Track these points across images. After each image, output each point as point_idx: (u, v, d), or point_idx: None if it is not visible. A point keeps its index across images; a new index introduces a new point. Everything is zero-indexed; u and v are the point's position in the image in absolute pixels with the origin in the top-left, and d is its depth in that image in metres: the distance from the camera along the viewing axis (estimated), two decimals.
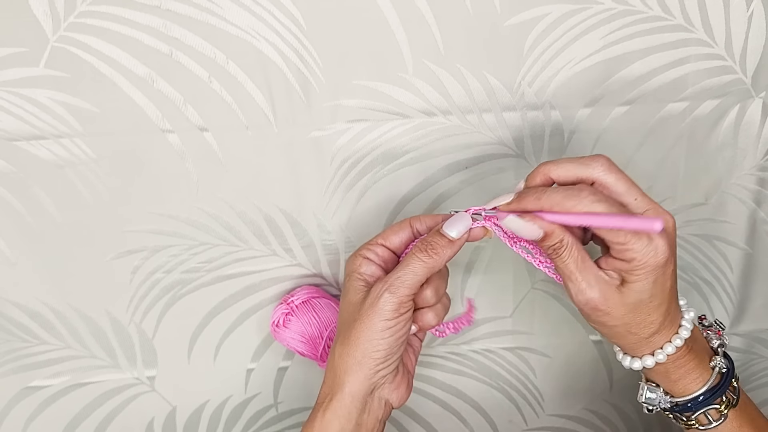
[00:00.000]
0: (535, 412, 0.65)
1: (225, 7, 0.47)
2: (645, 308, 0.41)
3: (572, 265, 0.41)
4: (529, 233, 0.41)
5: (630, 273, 0.40)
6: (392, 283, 0.43)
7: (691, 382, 0.44)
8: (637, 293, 0.41)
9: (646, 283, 0.40)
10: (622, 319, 0.42)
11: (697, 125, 0.53)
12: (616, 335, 0.43)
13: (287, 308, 0.54)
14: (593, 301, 0.41)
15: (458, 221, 0.44)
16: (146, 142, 0.50)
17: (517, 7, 0.48)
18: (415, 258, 0.43)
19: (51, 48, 0.47)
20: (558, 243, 0.41)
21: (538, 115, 0.52)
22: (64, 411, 0.60)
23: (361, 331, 0.43)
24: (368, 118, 0.51)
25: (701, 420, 0.45)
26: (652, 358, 0.43)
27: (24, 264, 0.54)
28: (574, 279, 0.41)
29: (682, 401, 0.45)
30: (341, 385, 0.44)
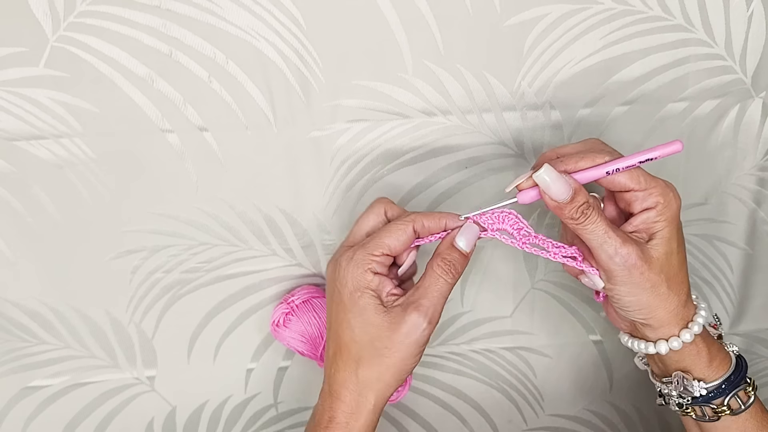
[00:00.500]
0: (535, 412, 0.65)
1: (225, 7, 0.47)
2: (676, 261, 0.43)
3: (603, 225, 0.41)
4: (560, 188, 0.41)
5: (655, 222, 0.42)
6: (432, 314, 0.42)
7: (721, 363, 0.45)
8: (667, 242, 0.42)
9: (672, 229, 0.43)
10: (661, 274, 0.42)
11: (697, 125, 0.53)
12: (659, 299, 0.43)
13: (287, 308, 0.54)
14: (632, 256, 0.41)
15: (468, 232, 0.44)
16: (146, 142, 0.50)
17: (517, 7, 0.48)
18: (441, 280, 0.43)
19: (51, 48, 0.47)
20: (585, 203, 0.41)
21: (538, 115, 0.52)
22: (64, 411, 0.59)
23: (398, 360, 0.43)
24: (368, 118, 0.51)
25: (733, 404, 0.45)
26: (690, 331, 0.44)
27: (24, 264, 0.54)
28: (610, 237, 0.41)
29: (716, 384, 0.44)
30: (369, 406, 0.43)
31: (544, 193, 0.42)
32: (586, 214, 0.41)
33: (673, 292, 0.43)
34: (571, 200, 0.41)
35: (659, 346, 0.45)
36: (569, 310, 0.60)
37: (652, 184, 0.42)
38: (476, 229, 0.44)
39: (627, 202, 0.44)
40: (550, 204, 0.42)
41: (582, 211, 0.41)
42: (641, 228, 0.43)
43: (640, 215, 0.43)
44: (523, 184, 0.43)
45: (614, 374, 0.63)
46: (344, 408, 0.44)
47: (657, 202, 0.42)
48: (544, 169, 0.41)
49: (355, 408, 0.43)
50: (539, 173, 0.41)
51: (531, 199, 0.43)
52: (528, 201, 0.43)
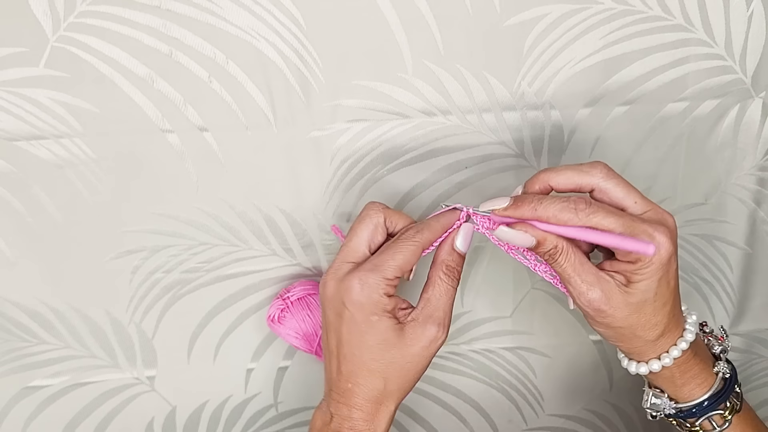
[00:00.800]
0: (535, 412, 0.65)
1: (225, 7, 0.47)
2: (650, 308, 0.41)
3: (570, 269, 0.41)
4: (521, 242, 0.41)
5: (635, 273, 0.40)
6: (447, 323, 0.43)
7: (696, 387, 0.44)
8: (643, 292, 0.41)
9: (652, 281, 0.40)
10: (627, 320, 0.41)
11: (697, 125, 0.53)
12: (622, 338, 0.43)
13: (282, 304, 0.54)
14: (595, 302, 0.41)
15: (465, 234, 0.44)
16: (146, 142, 0.50)
17: (517, 7, 0.48)
18: (448, 286, 0.44)
19: (51, 48, 0.47)
20: (552, 249, 0.41)
21: (538, 115, 0.52)
22: (64, 411, 0.59)
23: (421, 369, 0.44)
24: (368, 118, 0.51)
25: (705, 426, 0.45)
26: (659, 363, 0.43)
27: (24, 264, 0.54)
28: (574, 282, 0.41)
29: (687, 407, 0.44)
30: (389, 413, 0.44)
31: None
32: (554, 258, 0.41)
33: (640, 335, 0.42)
34: (537, 247, 0.41)
35: (630, 366, 0.45)
36: (569, 311, 0.60)
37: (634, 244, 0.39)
38: (471, 228, 0.44)
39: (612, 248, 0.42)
40: None
41: (550, 255, 0.41)
42: (620, 271, 0.41)
43: (619, 263, 0.41)
44: (497, 212, 0.42)
45: (614, 374, 0.63)
46: (366, 417, 0.44)
47: (637, 258, 0.40)
48: (499, 230, 0.42)
49: (375, 416, 0.44)
50: (497, 233, 0.42)
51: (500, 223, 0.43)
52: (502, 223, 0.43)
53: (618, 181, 0.42)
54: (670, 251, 0.40)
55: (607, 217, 0.39)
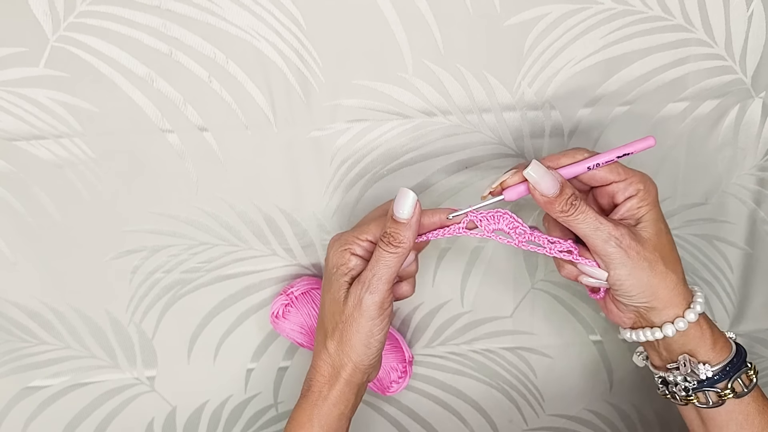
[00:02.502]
0: (535, 412, 0.65)
1: (225, 7, 0.47)
2: (666, 240, 0.45)
3: (592, 213, 0.43)
4: (549, 183, 0.42)
5: (640, 207, 0.44)
6: (370, 282, 0.44)
7: (724, 345, 0.46)
8: (654, 223, 0.44)
9: (657, 211, 0.45)
10: (655, 251, 0.44)
11: (697, 125, 0.53)
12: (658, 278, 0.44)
13: (287, 299, 0.54)
14: (625, 237, 0.43)
15: (402, 199, 0.44)
16: (146, 141, 0.50)
17: (517, 7, 0.48)
18: (383, 252, 0.44)
19: (51, 48, 0.47)
20: (573, 195, 0.43)
21: (538, 115, 0.52)
22: (64, 411, 0.59)
23: (353, 333, 0.45)
24: (368, 118, 0.51)
25: (737, 388, 0.45)
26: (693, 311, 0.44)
27: (24, 264, 0.54)
28: (601, 222, 0.43)
29: (720, 367, 0.45)
30: (342, 377, 0.46)
31: (533, 189, 0.43)
32: (575, 205, 0.43)
33: (670, 270, 0.44)
34: (560, 193, 0.43)
35: (666, 329, 0.45)
36: (569, 310, 0.60)
37: (631, 174, 0.45)
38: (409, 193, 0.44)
39: (609, 195, 0.45)
40: (540, 200, 0.43)
41: (571, 203, 0.43)
42: (627, 215, 0.45)
43: (624, 204, 0.45)
44: (509, 181, 0.44)
45: (614, 374, 0.63)
46: (319, 378, 0.47)
47: (638, 189, 0.44)
48: (532, 166, 0.43)
49: (328, 378, 0.46)
50: (528, 170, 0.43)
51: (518, 196, 0.44)
52: (515, 197, 0.44)
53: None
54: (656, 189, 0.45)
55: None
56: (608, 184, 0.45)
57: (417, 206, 0.44)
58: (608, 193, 0.45)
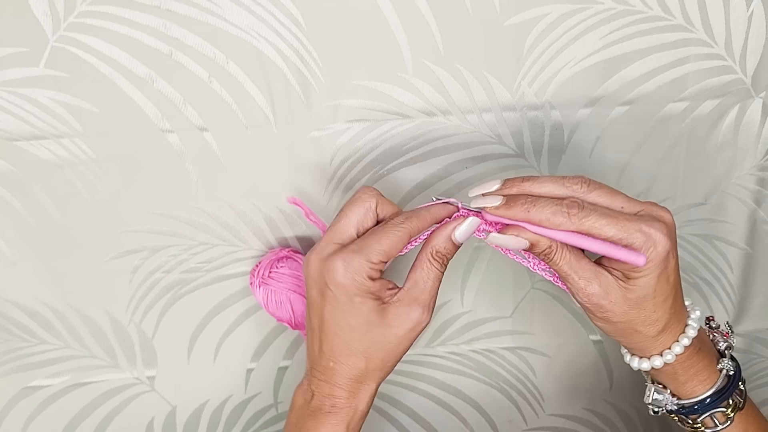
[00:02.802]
0: (535, 412, 0.65)
1: (225, 7, 0.47)
2: (649, 304, 0.41)
3: (566, 267, 0.41)
4: (515, 246, 0.41)
5: (633, 270, 0.40)
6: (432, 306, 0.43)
7: (699, 384, 0.44)
8: (641, 289, 0.40)
9: (650, 278, 0.40)
10: (626, 315, 0.41)
11: (697, 125, 0.53)
12: (622, 333, 0.43)
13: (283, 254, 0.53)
14: (594, 297, 0.41)
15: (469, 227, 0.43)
16: (146, 142, 0.50)
17: (517, 7, 0.48)
18: (437, 273, 0.43)
19: (51, 48, 0.47)
20: (547, 249, 0.41)
21: (538, 115, 0.52)
22: (64, 411, 0.60)
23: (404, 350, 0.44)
24: (368, 118, 0.51)
25: (707, 423, 0.45)
26: (660, 359, 0.43)
27: (24, 264, 0.54)
28: (571, 279, 0.41)
29: (689, 403, 0.44)
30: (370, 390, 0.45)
31: None
32: (549, 257, 0.41)
33: (640, 330, 0.42)
34: (531, 249, 0.41)
35: (632, 362, 0.45)
36: (569, 310, 0.60)
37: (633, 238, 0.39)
38: (477, 222, 0.43)
39: None
40: None
41: (545, 255, 0.41)
42: (618, 268, 0.41)
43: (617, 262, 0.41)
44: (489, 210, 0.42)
45: (614, 374, 0.63)
46: (347, 395, 0.44)
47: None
48: (491, 237, 0.42)
49: (356, 394, 0.44)
50: (491, 239, 0.42)
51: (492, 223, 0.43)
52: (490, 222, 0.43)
53: (600, 191, 0.41)
54: (667, 247, 0.40)
55: (600, 219, 0.39)
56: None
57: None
58: None
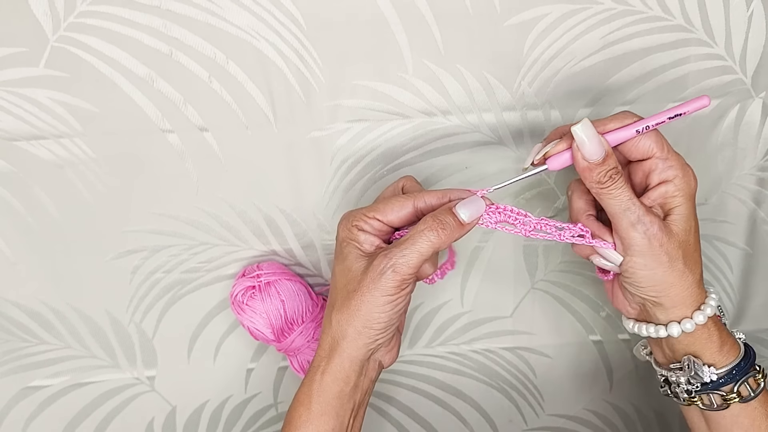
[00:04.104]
0: (535, 412, 0.65)
1: (225, 7, 0.47)
2: (693, 239, 0.43)
3: (628, 191, 0.41)
4: (595, 146, 0.40)
5: (674, 197, 0.42)
6: (396, 262, 0.41)
7: (732, 348, 0.44)
8: (686, 218, 0.42)
9: (690, 207, 0.42)
10: (679, 250, 0.42)
11: (697, 125, 0.53)
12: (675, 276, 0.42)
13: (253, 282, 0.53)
14: (654, 225, 0.41)
15: (472, 204, 0.43)
16: (146, 142, 0.50)
17: (517, 7, 0.48)
18: (423, 237, 0.41)
19: (51, 48, 0.47)
20: (615, 168, 0.41)
21: (538, 115, 0.52)
22: (64, 411, 0.59)
23: (362, 303, 0.42)
24: (368, 118, 0.51)
25: (742, 392, 0.44)
26: (702, 313, 0.43)
27: (24, 264, 0.54)
28: (634, 204, 0.41)
29: (726, 370, 0.44)
30: (340, 350, 0.43)
31: (576, 151, 0.41)
32: (614, 178, 0.41)
33: (689, 270, 0.43)
34: (603, 162, 0.41)
35: (671, 329, 0.44)
36: (569, 310, 0.60)
37: (673, 156, 0.43)
38: (482, 204, 0.43)
39: (645, 172, 0.43)
40: (581, 164, 0.41)
41: (611, 175, 0.41)
42: (659, 202, 0.43)
43: (657, 188, 0.42)
44: (553, 150, 0.42)
45: (614, 374, 0.63)
46: (321, 352, 0.44)
47: (675, 175, 0.42)
48: (582, 125, 0.41)
49: (329, 352, 0.44)
50: (577, 127, 0.40)
51: (562, 165, 0.42)
52: (559, 167, 0.43)
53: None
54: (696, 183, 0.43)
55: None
56: (648, 158, 0.43)
57: (478, 219, 0.43)
58: (644, 170, 0.43)
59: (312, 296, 0.55)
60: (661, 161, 0.42)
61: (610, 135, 0.42)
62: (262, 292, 0.53)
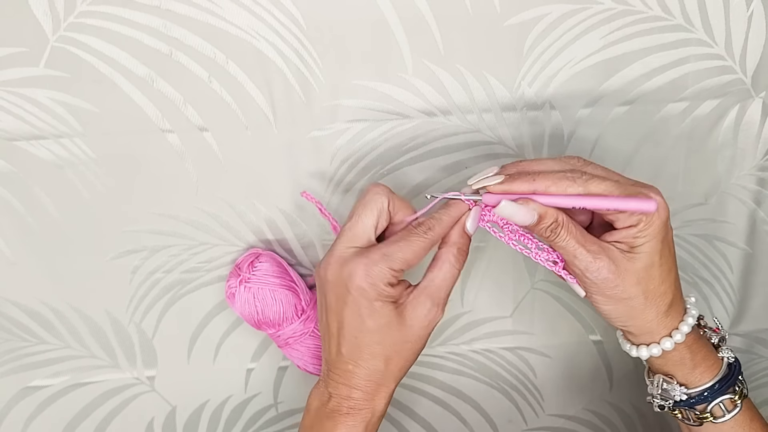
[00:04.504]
0: (535, 412, 0.65)
1: (225, 7, 0.47)
2: (657, 273, 0.42)
3: (573, 242, 0.41)
4: (523, 218, 0.41)
5: (637, 237, 0.41)
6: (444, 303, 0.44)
7: (706, 370, 0.45)
8: (648, 255, 0.41)
9: (655, 243, 0.41)
10: (637, 287, 0.42)
11: (697, 125, 0.53)
12: (633, 312, 0.43)
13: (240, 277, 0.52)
14: (604, 270, 0.41)
15: (474, 217, 0.44)
16: (146, 142, 0.50)
17: (517, 7, 0.48)
18: (455, 270, 0.44)
19: (51, 48, 0.47)
20: (554, 223, 0.41)
21: (538, 115, 0.52)
22: (64, 411, 0.60)
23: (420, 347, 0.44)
24: (368, 118, 0.51)
25: (716, 412, 0.45)
26: (671, 340, 0.43)
27: (24, 264, 0.54)
28: (579, 255, 0.41)
29: (698, 391, 0.44)
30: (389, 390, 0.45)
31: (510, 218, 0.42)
32: (555, 232, 0.41)
33: (651, 304, 0.43)
34: (538, 222, 0.41)
35: (640, 351, 0.45)
36: (569, 310, 0.60)
37: None
38: (476, 211, 0.44)
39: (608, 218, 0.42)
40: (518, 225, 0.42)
41: (551, 230, 0.41)
42: (623, 241, 0.42)
43: (620, 231, 0.42)
44: (493, 188, 0.42)
45: (614, 374, 0.63)
46: (365, 396, 0.44)
47: (639, 219, 0.41)
48: (502, 205, 0.41)
49: (374, 395, 0.44)
50: (499, 209, 0.41)
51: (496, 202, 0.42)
52: (493, 203, 0.42)
53: (595, 166, 0.43)
54: (667, 212, 0.41)
55: (603, 182, 0.40)
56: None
57: None
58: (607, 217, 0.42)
59: (298, 302, 0.53)
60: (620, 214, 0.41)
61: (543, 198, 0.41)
62: (241, 294, 0.52)
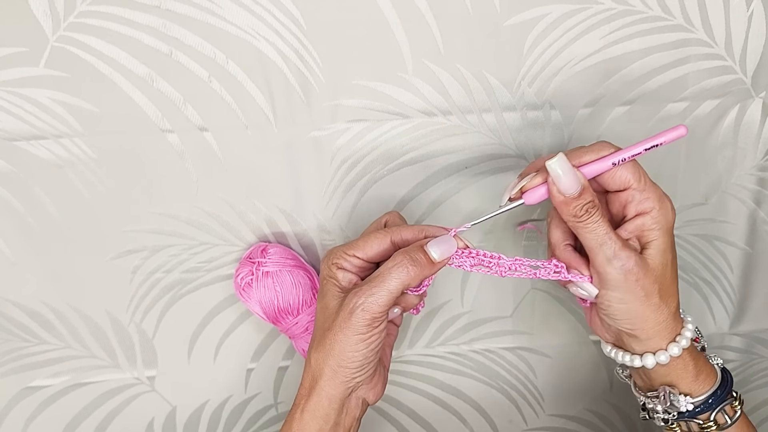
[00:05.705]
0: (535, 412, 0.65)
1: (225, 7, 0.47)
2: (669, 273, 0.43)
3: (605, 225, 0.41)
4: (570, 181, 0.40)
5: (650, 230, 0.42)
6: (366, 300, 0.41)
7: (707, 377, 0.44)
8: (662, 252, 0.42)
9: (668, 240, 0.42)
10: (655, 285, 0.42)
11: (697, 125, 0.53)
12: (650, 310, 0.42)
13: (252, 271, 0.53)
14: (630, 260, 0.41)
15: (444, 243, 0.43)
16: (146, 142, 0.50)
17: (517, 7, 0.48)
18: (393, 274, 0.41)
19: (51, 48, 0.47)
20: (591, 202, 0.41)
21: (538, 115, 0.52)
22: (64, 411, 0.60)
23: (335, 341, 0.42)
24: (368, 118, 0.51)
25: (719, 419, 0.44)
26: (678, 345, 0.43)
27: (24, 264, 0.54)
28: (609, 239, 0.41)
29: (702, 399, 0.44)
30: (318, 388, 0.43)
31: (552, 185, 0.41)
32: (590, 212, 0.41)
33: (664, 304, 0.43)
34: (579, 196, 0.41)
35: (645, 360, 0.44)
36: (569, 310, 0.60)
37: (651, 187, 0.42)
38: (453, 243, 0.43)
39: (622, 203, 0.43)
40: (557, 198, 0.41)
41: (587, 209, 0.41)
42: (636, 234, 0.42)
43: (634, 220, 0.42)
44: (529, 184, 0.42)
45: (614, 374, 0.63)
46: (302, 390, 0.44)
47: (653, 207, 0.41)
48: (557, 159, 0.40)
49: (309, 390, 0.44)
50: (552, 162, 0.40)
51: (538, 199, 0.42)
52: (535, 201, 0.43)
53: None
54: (674, 215, 0.43)
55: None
56: (626, 189, 0.42)
57: (449, 259, 0.43)
58: (621, 201, 0.43)
59: (314, 285, 0.54)
60: (638, 193, 0.42)
61: (585, 168, 0.42)
62: (258, 281, 0.52)
